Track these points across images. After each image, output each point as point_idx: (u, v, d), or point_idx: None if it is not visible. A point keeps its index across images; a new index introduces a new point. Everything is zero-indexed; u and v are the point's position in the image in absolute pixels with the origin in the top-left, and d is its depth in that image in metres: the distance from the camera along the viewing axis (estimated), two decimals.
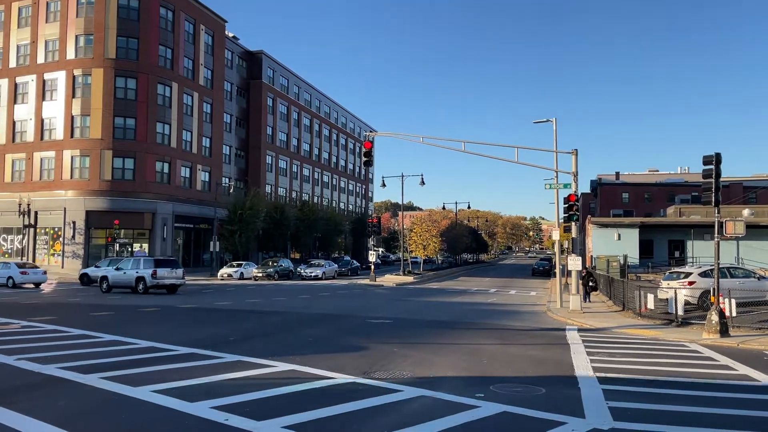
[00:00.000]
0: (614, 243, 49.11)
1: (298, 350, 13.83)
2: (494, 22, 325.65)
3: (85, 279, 37.63)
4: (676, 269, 28.85)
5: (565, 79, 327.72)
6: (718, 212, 18.31)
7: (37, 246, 49.42)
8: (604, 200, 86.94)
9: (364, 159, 29.76)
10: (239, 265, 49.76)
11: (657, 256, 52.02)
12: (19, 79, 52.13)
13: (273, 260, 52.76)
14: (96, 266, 37.33)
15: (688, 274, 25.36)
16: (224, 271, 48.89)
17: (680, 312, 20.51)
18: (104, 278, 32.94)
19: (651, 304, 21.84)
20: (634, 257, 47.00)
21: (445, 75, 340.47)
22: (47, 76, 50.69)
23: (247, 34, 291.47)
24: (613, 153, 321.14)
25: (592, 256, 50.38)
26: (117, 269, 32.81)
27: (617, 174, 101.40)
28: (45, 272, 37.51)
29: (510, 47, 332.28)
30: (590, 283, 29.84)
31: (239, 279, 47.59)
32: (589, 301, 29.12)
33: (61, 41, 50.20)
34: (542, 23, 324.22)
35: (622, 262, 37.03)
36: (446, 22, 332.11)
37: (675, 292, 21.02)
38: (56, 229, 49.02)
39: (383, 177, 49.78)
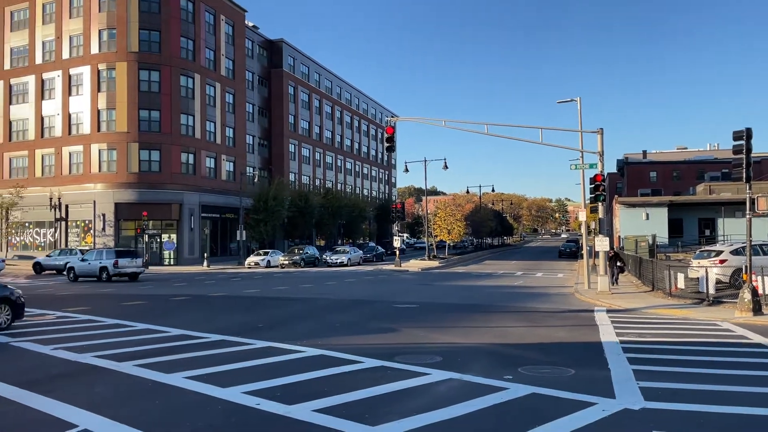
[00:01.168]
0: (642, 223, 48.43)
1: (327, 336, 13.96)
2: (515, 2, 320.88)
3: (38, 268, 41.38)
4: (707, 248, 28.41)
5: (589, 57, 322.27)
6: (750, 188, 17.93)
7: (69, 239, 50.45)
8: (632, 180, 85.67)
9: (386, 145, 29.71)
10: (265, 253, 50.00)
11: (686, 235, 51.18)
12: (45, 75, 53.01)
13: (299, 248, 53.11)
14: (48, 256, 42.25)
15: (719, 252, 24.93)
16: (251, 259, 49.13)
17: (711, 291, 20.19)
18: (71, 269, 35.05)
19: (681, 284, 21.52)
20: (663, 237, 46.33)
21: (467, 58, 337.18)
22: (72, 71, 51.45)
23: (267, 23, 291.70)
24: (639, 131, 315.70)
25: (619, 236, 49.78)
26: (82, 260, 35.15)
27: (644, 153, 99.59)
28: (3, 260, 40.85)
29: (532, 27, 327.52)
30: (618, 264, 28.94)
31: (266, 267, 47.84)
32: (617, 284, 28.18)
33: (85, 36, 50.85)
34: (565, 1, 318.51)
35: (650, 241, 36.56)
36: (468, 4, 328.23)
37: (706, 271, 20.68)
38: (87, 222, 49.98)
39: (406, 162, 49.94)
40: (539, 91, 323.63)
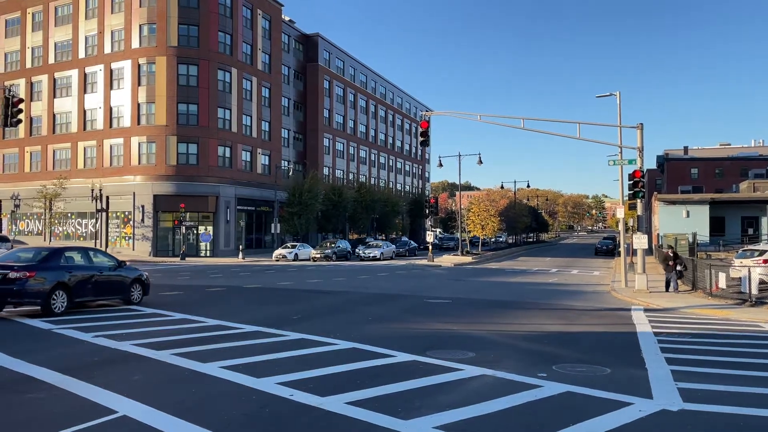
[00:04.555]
0: (682, 220, 47.35)
1: (359, 329, 14.02)
2: None
3: None
4: (750, 247, 27.61)
5: (630, 50, 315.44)
6: None
7: (109, 229, 51.72)
8: (672, 176, 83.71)
9: (420, 139, 29.58)
10: (293, 246, 49.33)
11: (729, 234, 49.84)
12: (88, 69, 54.33)
13: (331, 241, 53.38)
14: None
15: (763, 252, 24.22)
16: (278, 252, 48.46)
17: (754, 291, 19.63)
18: None
19: (723, 283, 20.99)
20: (703, 235, 45.21)
21: (503, 51, 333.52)
22: (114, 65, 52.61)
23: (303, 17, 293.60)
24: (681, 127, 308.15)
25: (658, 234, 48.75)
26: None
27: (685, 149, 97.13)
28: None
29: (570, 20, 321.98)
30: (678, 267, 24.78)
31: (293, 260, 47.13)
32: (677, 290, 24.06)
33: (126, 31, 51.92)
34: None
35: (691, 240, 35.72)
36: None
37: (749, 271, 20.11)
38: (126, 213, 51.15)
39: (440, 157, 49.72)
40: (577, 86, 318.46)
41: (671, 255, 24.99)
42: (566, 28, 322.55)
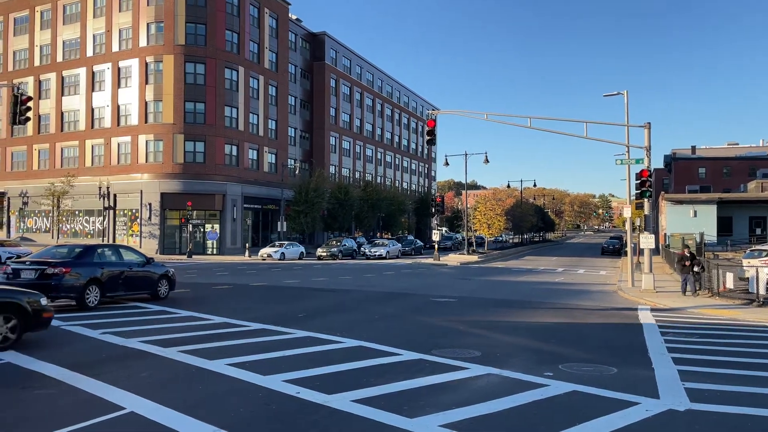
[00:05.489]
0: (689, 220, 47.15)
1: (365, 327, 14.04)
2: None
3: None
4: (758, 247, 27.46)
5: (637, 49, 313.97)
6: None
7: (117, 227, 51.94)
8: (679, 176, 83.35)
9: (427, 138, 29.56)
10: (281, 245, 47.55)
11: (736, 234, 49.62)
12: (96, 68, 54.56)
13: (337, 240, 53.42)
14: None
15: None
16: (264, 251, 46.63)
17: (762, 291, 19.54)
18: None
19: (730, 284, 20.91)
20: (711, 235, 45.03)
21: (510, 50, 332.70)
22: (122, 63, 52.81)
23: (310, 16, 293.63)
24: (688, 126, 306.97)
25: (665, 234, 48.55)
26: None
27: (693, 148, 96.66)
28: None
29: (577, 19, 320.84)
30: (695, 268, 22.85)
31: (280, 260, 45.13)
32: (696, 294, 22.56)
33: (134, 29, 52.10)
34: None
35: (698, 239, 35.54)
36: None
37: (756, 271, 20.02)
38: (134, 211, 51.35)
39: (446, 156, 49.60)
40: (584, 85, 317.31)
41: (687, 255, 23.23)
42: (574, 27, 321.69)
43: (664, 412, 7.60)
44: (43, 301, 11.19)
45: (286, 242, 49.14)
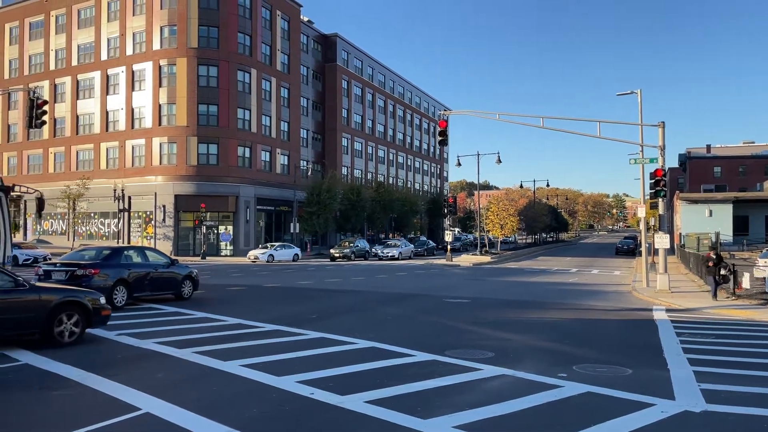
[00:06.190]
0: (705, 220, 46.71)
1: (378, 328, 14.05)
2: None
3: None
4: None
5: (651, 48, 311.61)
6: None
7: (131, 229, 52.38)
8: (694, 175, 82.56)
9: (439, 138, 29.53)
10: (271, 247, 46.48)
11: (753, 233, 49.09)
12: (110, 71, 55.08)
13: (349, 241, 53.49)
14: None
15: None
16: (252, 252, 45.46)
17: None
18: None
19: (746, 284, 20.69)
20: (726, 234, 44.57)
21: (522, 49, 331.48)
22: (136, 67, 53.27)
23: (321, 18, 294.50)
24: (703, 125, 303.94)
25: (680, 233, 48.14)
26: None
27: (708, 147, 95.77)
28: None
29: (590, 18, 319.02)
30: (721, 271, 21.23)
31: (267, 262, 43.85)
32: (716, 298, 21.09)
33: (148, 33, 52.53)
34: None
35: (713, 239, 35.15)
36: None
37: None
38: (148, 213, 51.76)
39: (458, 156, 49.66)
40: (597, 84, 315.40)
41: (713, 257, 21.69)
42: (587, 26, 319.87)
43: (679, 413, 7.55)
44: (102, 299, 11.95)
45: (277, 244, 47.93)
